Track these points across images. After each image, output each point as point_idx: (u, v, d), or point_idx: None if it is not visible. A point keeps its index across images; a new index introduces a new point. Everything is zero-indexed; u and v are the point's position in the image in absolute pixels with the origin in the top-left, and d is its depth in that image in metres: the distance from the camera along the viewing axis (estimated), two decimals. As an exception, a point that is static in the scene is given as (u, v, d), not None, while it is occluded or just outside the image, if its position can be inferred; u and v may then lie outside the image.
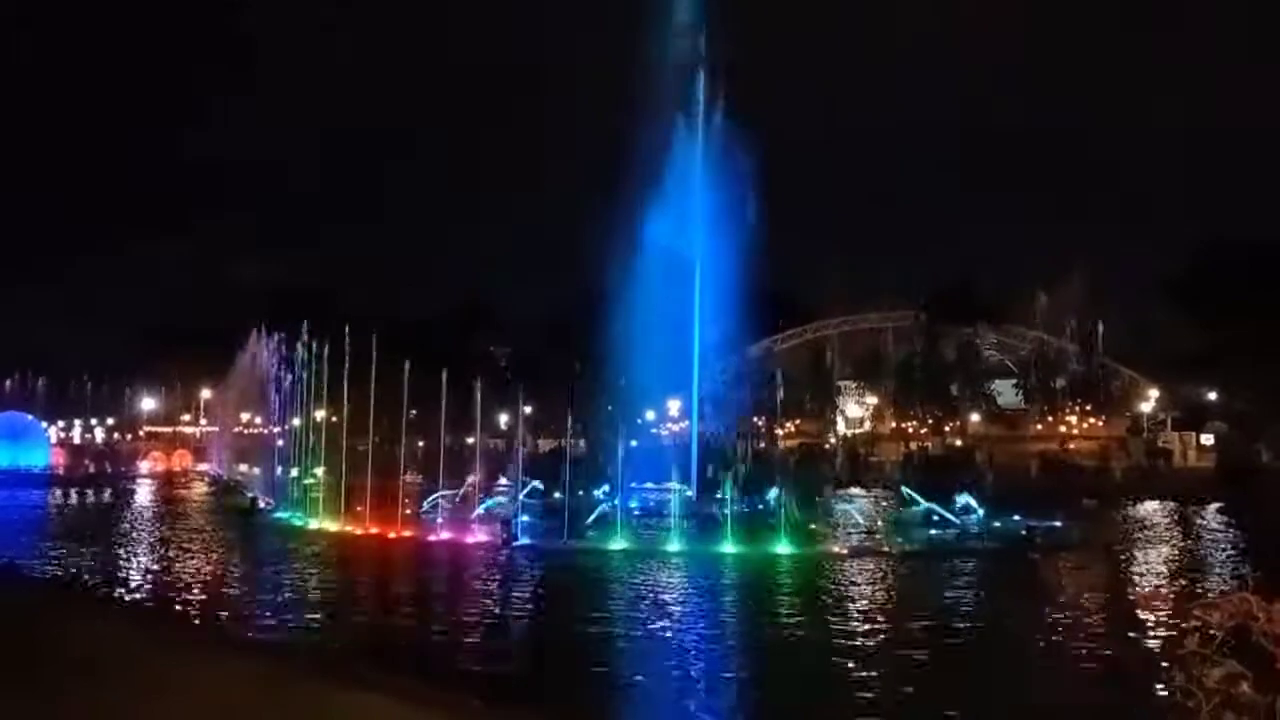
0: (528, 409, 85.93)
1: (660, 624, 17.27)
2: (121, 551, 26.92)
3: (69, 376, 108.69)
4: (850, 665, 13.64)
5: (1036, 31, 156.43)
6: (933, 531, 29.64)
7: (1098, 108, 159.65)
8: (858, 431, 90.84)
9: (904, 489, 35.93)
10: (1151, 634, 15.06)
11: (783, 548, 25.77)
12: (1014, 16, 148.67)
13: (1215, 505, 42.76)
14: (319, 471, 43.35)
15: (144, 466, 76.96)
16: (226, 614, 17.78)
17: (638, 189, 36.11)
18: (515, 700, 10.94)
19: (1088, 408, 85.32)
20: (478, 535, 28.46)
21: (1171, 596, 19.94)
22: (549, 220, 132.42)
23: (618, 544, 26.44)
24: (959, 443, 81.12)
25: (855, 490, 46.95)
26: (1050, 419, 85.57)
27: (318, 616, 17.55)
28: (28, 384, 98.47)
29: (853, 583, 21.69)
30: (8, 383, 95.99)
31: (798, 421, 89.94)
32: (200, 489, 57.01)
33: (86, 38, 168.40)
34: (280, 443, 46.45)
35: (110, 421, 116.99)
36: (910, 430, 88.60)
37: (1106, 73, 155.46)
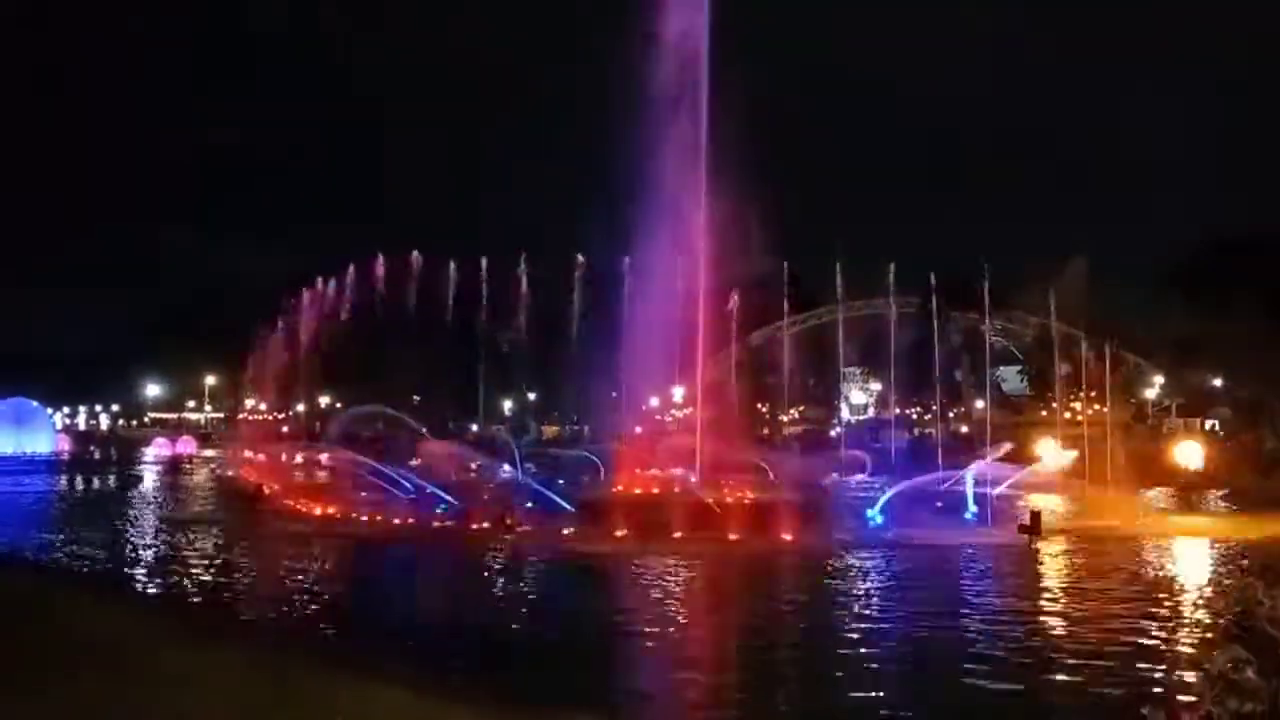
0: (531, 395, 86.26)
1: (656, 612, 17.27)
2: (125, 538, 26.96)
3: (74, 363, 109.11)
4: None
5: (1045, 26, 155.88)
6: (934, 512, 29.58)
7: (1108, 96, 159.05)
8: (862, 418, 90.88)
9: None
10: (1157, 619, 15.05)
11: (785, 536, 25.73)
12: (1020, 12, 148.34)
13: (1219, 491, 42.75)
14: (324, 457, 43.48)
15: (149, 453, 77.02)
16: (231, 602, 17.82)
17: (638, 176, 36.01)
18: (523, 691, 10.93)
19: (1092, 394, 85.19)
20: (481, 522, 28.43)
21: (1176, 583, 19.94)
22: (551, 205, 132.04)
23: (618, 531, 26.41)
24: (964, 429, 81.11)
25: (859, 476, 46.93)
26: (1055, 405, 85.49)
27: (321, 607, 17.50)
28: (34, 370, 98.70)
29: (849, 571, 21.67)
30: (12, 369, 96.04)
31: (802, 408, 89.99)
32: (205, 475, 57.11)
33: (93, 29, 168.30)
34: (285, 429, 46.51)
35: (115, 408, 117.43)
36: (914, 416, 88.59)
37: (1118, 62, 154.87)
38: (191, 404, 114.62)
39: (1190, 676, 9.31)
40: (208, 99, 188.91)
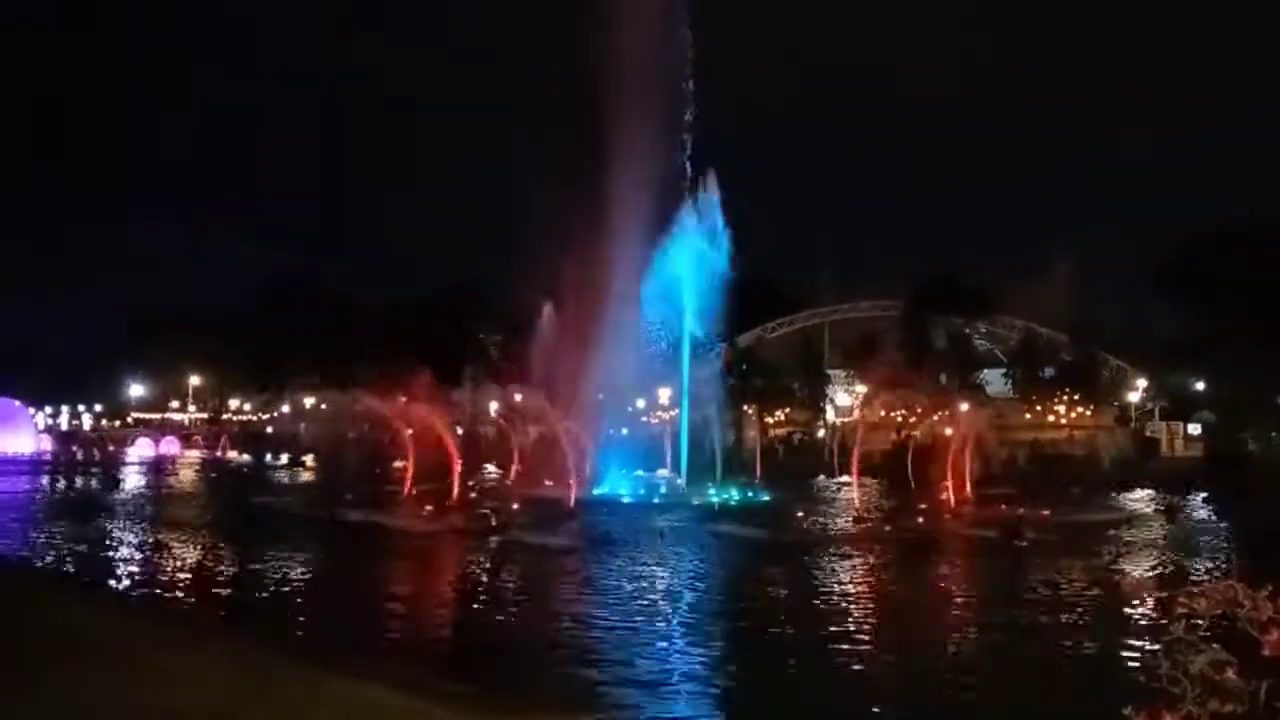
0: (519, 396, 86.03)
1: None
2: (107, 538, 26.80)
3: (56, 362, 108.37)
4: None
5: (1031, 24, 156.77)
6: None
7: (1092, 96, 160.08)
8: (847, 420, 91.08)
9: None
10: (1137, 621, 15.16)
11: (772, 533, 25.86)
12: (1011, 10, 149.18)
13: (1202, 494, 43.01)
14: (308, 458, 43.41)
15: (132, 453, 76.53)
16: (212, 600, 17.75)
17: (628, 180, 36.12)
18: (508, 687, 10.93)
19: (1076, 397, 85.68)
20: (466, 524, 28.36)
21: (1157, 584, 20.07)
22: (538, 205, 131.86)
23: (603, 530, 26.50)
24: (949, 432, 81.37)
25: (844, 478, 47.05)
26: (1039, 408, 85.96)
27: (305, 606, 17.46)
28: (14, 369, 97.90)
29: (823, 569, 21.74)
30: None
31: (787, 410, 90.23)
32: (189, 475, 56.83)
33: (86, 23, 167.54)
34: (269, 429, 46.31)
35: (98, 407, 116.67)
36: (899, 419, 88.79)
37: (1101, 63, 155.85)
38: (175, 404, 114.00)
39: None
40: (204, 93, 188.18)
